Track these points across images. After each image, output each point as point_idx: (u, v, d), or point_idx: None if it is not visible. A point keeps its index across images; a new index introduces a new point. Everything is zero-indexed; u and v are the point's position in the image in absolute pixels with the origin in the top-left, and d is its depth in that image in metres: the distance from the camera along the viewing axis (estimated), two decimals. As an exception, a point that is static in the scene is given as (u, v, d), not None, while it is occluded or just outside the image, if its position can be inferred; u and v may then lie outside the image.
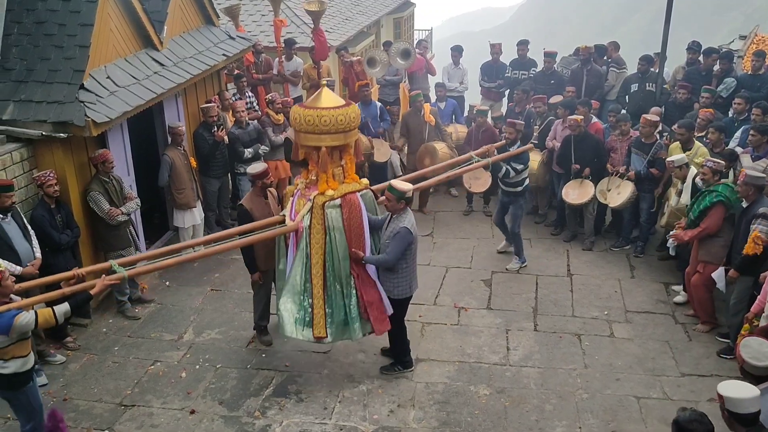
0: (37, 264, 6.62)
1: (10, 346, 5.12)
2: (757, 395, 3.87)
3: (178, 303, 8.19)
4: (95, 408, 6.41)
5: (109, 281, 5.49)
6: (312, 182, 6.60)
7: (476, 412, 6.31)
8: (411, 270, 6.53)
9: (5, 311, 5.00)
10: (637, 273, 8.75)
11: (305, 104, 6.50)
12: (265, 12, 14.23)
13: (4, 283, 5.11)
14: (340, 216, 6.39)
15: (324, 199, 6.39)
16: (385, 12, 18.47)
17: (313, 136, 6.36)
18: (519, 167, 8.47)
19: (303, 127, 6.36)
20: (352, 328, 6.53)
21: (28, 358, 5.30)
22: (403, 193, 6.33)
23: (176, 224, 9.06)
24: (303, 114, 6.33)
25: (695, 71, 10.64)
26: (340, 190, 6.49)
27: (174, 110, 9.05)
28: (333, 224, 6.39)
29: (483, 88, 12.24)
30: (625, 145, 9.09)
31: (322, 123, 6.27)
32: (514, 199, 8.76)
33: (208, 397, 6.58)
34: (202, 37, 9.73)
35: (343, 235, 6.40)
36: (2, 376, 5.21)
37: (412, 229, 6.34)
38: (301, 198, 6.62)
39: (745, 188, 6.81)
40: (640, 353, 7.14)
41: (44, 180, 6.85)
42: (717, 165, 7.33)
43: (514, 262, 9.00)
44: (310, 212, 6.42)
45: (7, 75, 7.16)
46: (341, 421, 6.22)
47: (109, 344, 7.39)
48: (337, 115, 6.28)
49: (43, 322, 5.11)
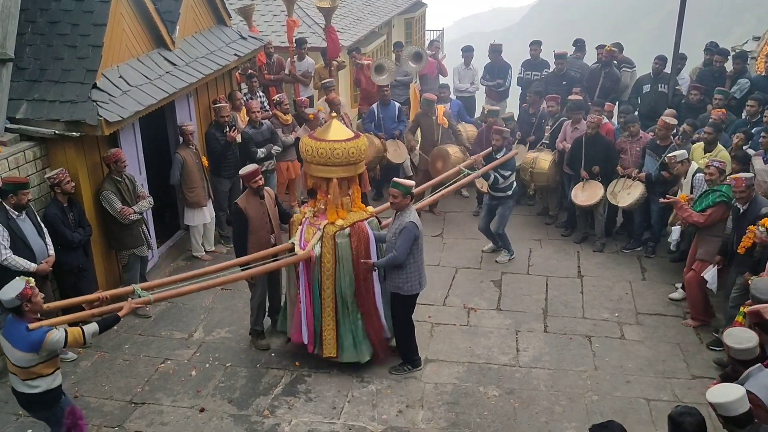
0: (50, 261, 6.67)
1: (38, 365, 5.08)
2: (744, 394, 3.97)
3: (189, 302, 8.22)
4: (106, 405, 6.45)
5: (136, 304, 5.60)
6: (320, 211, 6.75)
7: (485, 413, 6.30)
8: (419, 265, 6.60)
9: (37, 328, 4.97)
10: (648, 275, 8.70)
11: (316, 136, 6.60)
12: (277, 12, 14.26)
13: (34, 300, 5.06)
14: (349, 245, 6.57)
15: (335, 229, 6.56)
16: (396, 12, 18.46)
17: (324, 168, 6.54)
18: (506, 173, 8.66)
19: (315, 159, 6.52)
20: (360, 350, 6.79)
21: (56, 375, 5.28)
22: (408, 188, 6.48)
23: (187, 223, 9.11)
24: (315, 146, 6.47)
25: (708, 72, 10.57)
26: (349, 219, 6.66)
27: (186, 110, 9.09)
28: (342, 254, 6.56)
29: (485, 87, 12.21)
30: (635, 146, 9.06)
31: (335, 156, 6.44)
32: (503, 202, 8.91)
33: (218, 395, 6.60)
34: (214, 37, 9.76)
35: (351, 263, 6.59)
36: (34, 396, 5.18)
37: (418, 223, 6.44)
38: (310, 227, 6.74)
39: (748, 191, 6.82)
40: (651, 355, 7.11)
41: (62, 178, 6.90)
42: (722, 165, 7.38)
43: (503, 255, 9.16)
44: (321, 241, 6.57)
45: (21, 74, 7.21)
46: (350, 421, 6.23)
47: (120, 342, 7.44)
48: (348, 148, 6.45)
49: (73, 341, 5.12)
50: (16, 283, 5.05)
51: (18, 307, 4.99)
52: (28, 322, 5.01)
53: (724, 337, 4.62)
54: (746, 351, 4.50)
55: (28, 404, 5.33)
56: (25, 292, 4.98)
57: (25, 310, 5.02)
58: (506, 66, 12.11)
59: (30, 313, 5.06)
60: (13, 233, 6.35)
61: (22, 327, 4.98)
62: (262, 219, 7.04)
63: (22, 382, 5.15)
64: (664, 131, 8.67)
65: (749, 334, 4.60)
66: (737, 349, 4.51)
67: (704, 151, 8.31)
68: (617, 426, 4.01)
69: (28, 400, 5.26)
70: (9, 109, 7.00)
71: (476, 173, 8.32)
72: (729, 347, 4.55)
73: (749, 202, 6.83)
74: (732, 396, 3.99)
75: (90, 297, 5.65)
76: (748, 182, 6.81)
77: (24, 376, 5.12)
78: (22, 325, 4.98)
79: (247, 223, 6.93)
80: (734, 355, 4.56)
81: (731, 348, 4.53)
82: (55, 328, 5.08)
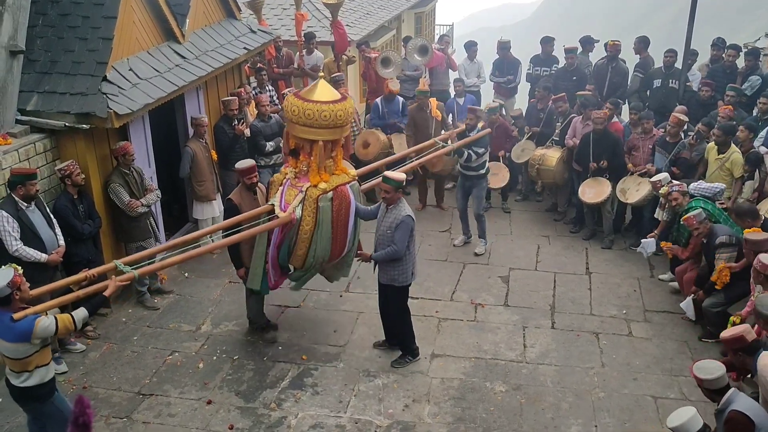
0: (61, 252, 6.70)
1: (34, 354, 4.98)
2: (695, 413, 4.63)
3: (197, 294, 8.26)
4: (114, 396, 6.49)
5: (121, 282, 5.39)
6: (302, 172, 6.62)
7: (491, 409, 6.30)
8: (413, 256, 6.70)
9: (23, 317, 4.86)
10: (656, 272, 8.67)
11: (303, 96, 6.40)
12: (287, 6, 14.24)
13: (23, 288, 4.97)
14: (330, 209, 6.49)
15: (318, 192, 6.45)
16: (406, 7, 18.40)
17: (311, 129, 6.37)
18: (480, 151, 8.78)
19: (301, 119, 6.33)
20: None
21: (50, 367, 5.18)
22: (400, 183, 6.49)
23: (196, 216, 9.13)
24: (302, 107, 6.28)
25: (719, 69, 10.48)
26: (332, 182, 6.55)
27: (195, 103, 9.11)
28: (323, 217, 6.50)
29: (494, 83, 12.17)
30: (647, 143, 9.01)
31: (322, 117, 6.28)
32: (476, 182, 9.01)
33: (225, 388, 6.63)
34: (224, 31, 9.77)
35: (330, 227, 6.54)
36: (26, 389, 5.09)
37: (413, 216, 6.50)
38: (291, 188, 6.61)
39: (701, 226, 7.03)
40: (658, 353, 7.09)
41: (72, 170, 6.93)
42: (682, 187, 7.62)
43: (480, 246, 9.20)
44: (302, 203, 6.47)
45: (32, 66, 7.24)
46: (356, 415, 6.24)
47: (129, 334, 7.48)
48: (336, 110, 6.31)
49: (63, 328, 5.01)
50: (4, 272, 4.93)
51: (8, 296, 4.88)
52: (13, 312, 4.87)
53: (694, 371, 4.82)
54: (717, 380, 4.71)
55: (20, 397, 5.20)
56: (15, 279, 4.88)
57: (14, 299, 4.92)
58: (516, 62, 12.05)
59: (18, 302, 4.97)
60: (23, 224, 6.38)
61: (5, 318, 4.85)
62: None
63: (16, 375, 5.05)
64: (676, 128, 8.62)
65: (715, 364, 4.80)
66: (710, 380, 4.71)
67: (717, 152, 8.26)
68: None
69: (21, 393, 5.15)
70: (20, 101, 7.04)
71: (450, 146, 8.48)
72: (702, 380, 4.75)
73: (708, 234, 7.05)
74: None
75: (77, 277, 5.47)
76: (698, 218, 7.03)
77: (18, 367, 5.01)
78: (5, 315, 4.85)
79: None
80: (708, 386, 4.76)
81: (704, 380, 4.74)
82: (44, 314, 4.96)
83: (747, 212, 6.91)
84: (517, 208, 10.68)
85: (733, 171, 8.09)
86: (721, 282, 6.85)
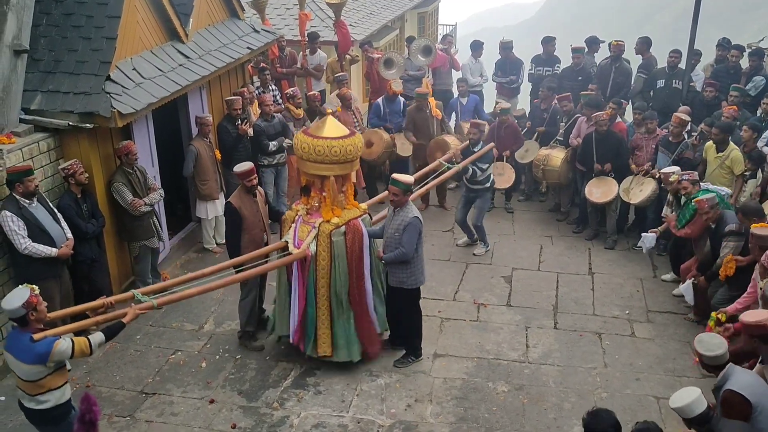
0: (70, 244, 6.70)
1: (47, 377, 4.84)
2: (699, 395, 4.38)
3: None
4: (117, 395, 6.51)
5: (140, 310, 5.40)
6: (314, 208, 6.68)
7: (494, 409, 6.30)
8: (421, 259, 6.69)
9: (42, 338, 4.73)
10: (659, 272, 8.66)
11: (312, 133, 6.50)
12: (290, 5, 14.27)
13: (39, 308, 4.81)
14: (344, 243, 6.53)
15: (330, 228, 6.51)
16: (409, 7, 18.42)
17: (321, 165, 6.46)
18: (484, 166, 8.76)
19: (312, 156, 6.43)
20: (351, 349, 6.75)
21: (65, 388, 5.04)
22: (408, 185, 6.52)
23: (199, 215, 9.15)
24: (312, 144, 6.39)
25: (723, 69, 10.46)
26: (344, 216, 6.62)
27: (198, 102, 9.12)
28: (338, 252, 6.52)
29: (496, 83, 12.16)
30: (651, 143, 9.00)
31: (332, 153, 6.37)
32: (482, 194, 9.02)
33: (228, 387, 6.64)
34: (227, 30, 9.78)
35: (345, 261, 6.55)
36: (43, 411, 4.95)
37: (421, 218, 6.53)
38: (304, 225, 6.67)
39: (712, 211, 7.04)
40: (661, 353, 7.08)
41: (76, 169, 6.95)
42: (692, 176, 7.58)
43: (480, 247, 9.21)
44: (316, 239, 6.51)
45: (36, 66, 7.25)
46: (359, 415, 6.25)
47: (132, 333, 7.48)
48: (346, 145, 6.40)
49: (79, 351, 4.87)
50: (20, 292, 4.82)
51: (23, 316, 4.74)
52: (32, 332, 4.75)
53: (695, 345, 4.70)
54: (718, 358, 4.60)
55: (37, 421, 5.05)
56: (31, 300, 4.74)
57: (30, 320, 4.77)
58: (518, 62, 12.02)
59: (35, 323, 4.81)
60: (28, 222, 6.39)
61: (25, 338, 4.72)
62: (255, 217, 6.98)
63: (31, 398, 4.92)
64: (678, 128, 8.61)
65: (718, 340, 4.69)
66: (710, 357, 4.60)
67: (716, 151, 8.25)
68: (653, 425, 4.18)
69: (36, 417, 5.01)
70: (24, 101, 7.05)
71: (456, 167, 8.40)
72: (702, 355, 4.63)
73: (717, 220, 7.04)
74: (688, 399, 4.37)
75: (94, 304, 5.47)
76: (710, 202, 7.04)
77: (33, 390, 4.88)
78: (25, 336, 4.73)
79: (242, 222, 6.87)
80: (707, 362, 4.65)
81: (704, 356, 4.62)
82: (61, 337, 4.83)
83: (754, 211, 6.86)
84: (520, 208, 10.67)
85: (733, 168, 8.08)
86: (725, 274, 6.75)
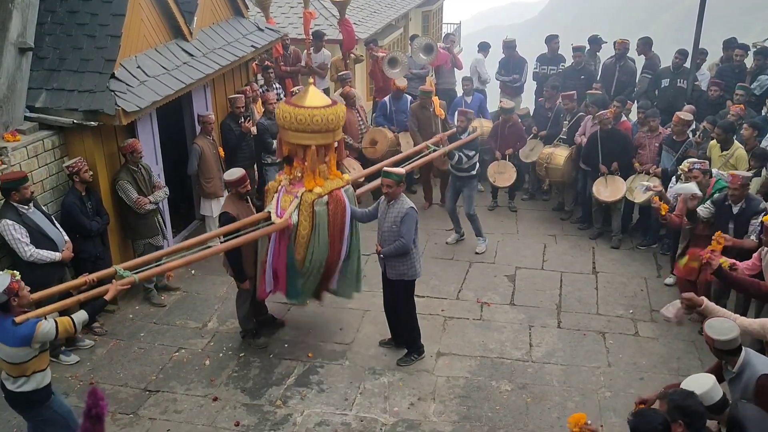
0: (70, 247, 6.73)
1: (32, 360, 4.92)
2: (715, 382, 4.26)
3: (203, 291, 8.28)
4: (120, 392, 6.52)
5: (121, 285, 5.38)
6: (296, 179, 6.69)
7: (497, 408, 6.30)
8: (418, 249, 6.78)
9: (24, 321, 4.81)
10: (663, 272, 8.63)
11: (294, 102, 6.52)
12: (294, 4, 14.28)
13: (21, 294, 4.91)
14: (326, 213, 6.56)
15: (312, 197, 6.52)
16: (413, 5, 18.42)
17: (303, 134, 6.47)
18: (471, 153, 8.84)
19: (293, 125, 6.44)
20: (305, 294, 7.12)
21: (47, 372, 5.10)
22: (401, 177, 6.57)
23: (203, 213, 9.15)
24: (294, 113, 6.39)
25: (728, 68, 10.44)
26: (327, 186, 6.62)
27: (202, 100, 9.13)
28: (319, 221, 6.55)
29: (500, 82, 12.14)
30: (654, 141, 8.98)
31: (314, 122, 6.37)
32: (467, 182, 9.06)
33: (231, 385, 6.65)
34: (231, 29, 9.79)
35: (326, 230, 6.59)
36: (22, 394, 5.01)
37: (415, 208, 6.58)
38: (286, 194, 6.68)
39: (742, 189, 6.83)
40: (665, 353, 7.07)
41: (80, 167, 6.96)
42: (704, 165, 7.40)
43: (480, 244, 9.21)
44: (298, 209, 6.53)
45: (40, 63, 7.28)
46: (362, 413, 6.25)
47: (135, 330, 7.50)
48: (328, 114, 6.41)
49: (63, 331, 4.96)
50: (1, 279, 4.85)
51: (5, 302, 4.82)
52: (14, 316, 4.83)
53: (706, 330, 4.58)
54: (730, 342, 4.49)
55: (16, 402, 5.13)
56: (12, 286, 4.82)
57: (12, 305, 4.85)
58: (521, 61, 12.00)
59: (17, 308, 4.89)
60: (29, 228, 6.39)
61: (7, 322, 4.80)
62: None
63: (13, 380, 4.98)
64: (680, 127, 8.59)
65: (729, 323, 4.58)
66: (723, 341, 4.48)
67: (720, 149, 8.23)
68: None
69: (16, 399, 5.08)
70: (28, 98, 7.08)
71: (441, 150, 8.52)
72: (713, 339, 4.51)
73: (744, 201, 6.87)
74: (706, 385, 4.22)
75: (77, 282, 5.48)
76: (744, 181, 6.84)
77: (16, 372, 4.94)
78: (7, 320, 4.80)
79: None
80: (720, 347, 4.53)
81: (716, 341, 4.50)
82: (44, 318, 4.92)
83: None
84: (523, 207, 10.66)
85: (738, 167, 8.05)
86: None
